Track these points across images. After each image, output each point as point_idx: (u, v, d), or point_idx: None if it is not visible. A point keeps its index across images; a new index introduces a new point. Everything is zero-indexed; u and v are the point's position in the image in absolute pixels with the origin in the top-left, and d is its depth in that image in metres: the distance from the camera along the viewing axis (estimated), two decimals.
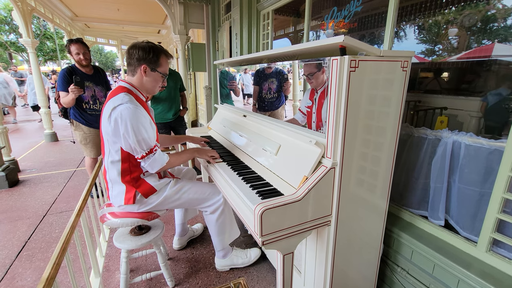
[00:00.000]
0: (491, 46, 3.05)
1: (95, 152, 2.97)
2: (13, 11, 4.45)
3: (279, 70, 1.47)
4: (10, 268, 1.98)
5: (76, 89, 2.52)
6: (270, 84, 1.55)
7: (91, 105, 2.82)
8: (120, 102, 1.39)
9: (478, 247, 1.24)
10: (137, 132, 1.40)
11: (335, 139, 1.11)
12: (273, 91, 1.53)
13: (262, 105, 1.73)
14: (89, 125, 2.84)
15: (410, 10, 2.90)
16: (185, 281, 1.87)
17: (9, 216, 2.70)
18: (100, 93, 2.88)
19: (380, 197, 1.34)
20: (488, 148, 1.20)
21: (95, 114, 2.85)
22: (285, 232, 1.10)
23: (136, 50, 1.45)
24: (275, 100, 1.53)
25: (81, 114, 2.81)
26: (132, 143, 1.42)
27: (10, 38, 15.86)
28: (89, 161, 3.01)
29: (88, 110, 2.82)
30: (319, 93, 1.23)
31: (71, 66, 2.74)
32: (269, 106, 1.60)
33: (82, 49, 2.70)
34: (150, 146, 1.47)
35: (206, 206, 1.74)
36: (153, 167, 1.52)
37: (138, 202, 1.56)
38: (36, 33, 13.96)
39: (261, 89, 1.64)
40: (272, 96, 1.56)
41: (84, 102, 2.78)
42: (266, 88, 1.59)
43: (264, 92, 1.61)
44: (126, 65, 1.56)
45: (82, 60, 2.70)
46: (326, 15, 2.15)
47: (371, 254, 1.45)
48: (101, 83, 2.90)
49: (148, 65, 1.47)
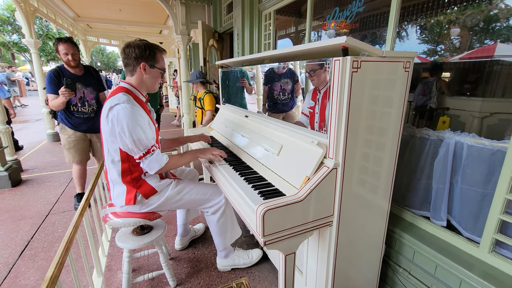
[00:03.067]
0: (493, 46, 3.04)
1: (78, 158, 2.75)
2: (16, 11, 4.48)
3: (293, 71, 1.45)
4: (13, 267, 1.99)
5: (67, 92, 2.36)
6: (284, 84, 1.52)
7: (79, 108, 2.64)
8: (117, 102, 1.38)
9: (481, 248, 1.23)
10: (133, 132, 1.39)
11: (337, 140, 1.11)
12: (287, 92, 1.51)
13: (274, 106, 1.67)
14: (74, 128, 2.67)
15: (412, 10, 2.90)
16: (187, 281, 1.87)
17: (12, 215, 2.72)
18: (90, 95, 2.68)
19: (382, 198, 1.34)
20: (491, 149, 1.20)
21: (82, 117, 2.68)
22: (287, 232, 1.10)
23: (132, 49, 1.44)
24: (289, 101, 1.51)
25: (68, 117, 2.64)
26: (129, 143, 1.41)
27: (13, 39, 15.94)
28: (76, 170, 2.82)
29: (76, 113, 2.64)
30: (321, 93, 1.23)
31: (59, 67, 2.57)
32: (282, 107, 1.57)
33: (71, 49, 2.53)
34: (147, 147, 1.45)
35: (207, 207, 1.74)
36: (151, 168, 1.50)
37: (138, 203, 1.56)
38: (38, 33, 14.01)
39: (272, 89, 1.61)
40: (286, 97, 1.53)
41: (72, 104, 2.60)
42: (279, 89, 1.56)
43: (276, 93, 1.58)
44: (123, 66, 1.54)
45: (71, 61, 2.54)
46: (328, 15, 2.15)
47: (373, 255, 1.45)
48: (92, 84, 2.70)
49: (146, 63, 1.47)
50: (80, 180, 2.87)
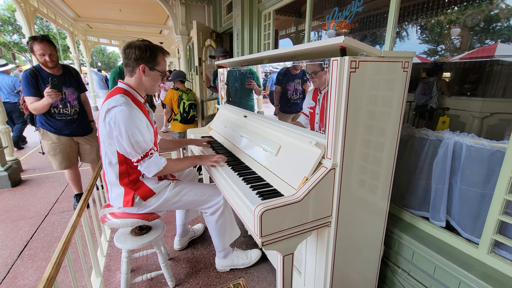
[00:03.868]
0: (494, 46, 3.03)
1: (66, 164, 2.63)
2: (16, 11, 4.48)
3: (305, 71, 1.44)
4: (12, 267, 1.99)
5: (54, 92, 2.18)
6: (297, 85, 1.50)
7: (60, 109, 2.46)
8: (115, 104, 1.36)
9: (480, 249, 1.23)
10: (130, 135, 1.37)
11: (335, 140, 1.11)
12: (299, 92, 1.49)
13: (286, 107, 1.64)
14: (57, 132, 2.50)
15: (411, 10, 2.89)
16: (186, 281, 1.87)
17: (12, 215, 2.72)
18: (71, 96, 2.51)
19: (380, 198, 1.34)
20: (490, 149, 1.19)
21: (65, 119, 2.50)
22: (285, 233, 1.10)
23: (132, 49, 1.41)
24: (301, 101, 1.49)
25: (48, 120, 2.46)
26: (127, 147, 1.40)
27: (13, 39, 15.97)
28: (67, 174, 2.73)
29: (57, 115, 2.47)
30: (322, 94, 1.22)
31: (35, 67, 2.38)
32: (294, 107, 1.56)
33: (48, 50, 2.30)
34: (146, 150, 1.43)
35: (206, 207, 1.74)
36: (149, 171, 1.48)
37: (136, 205, 1.55)
38: (39, 33, 14.02)
39: (286, 90, 1.59)
40: (298, 97, 1.51)
41: (53, 106, 2.41)
42: (292, 89, 1.54)
43: (290, 93, 1.57)
44: (124, 66, 1.50)
45: (48, 62, 2.33)
46: (327, 15, 2.14)
47: (372, 255, 1.44)
48: (72, 84, 2.53)
49: (146, 65, 1.44)
50: (75, 182, 2.82)
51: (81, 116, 2.65)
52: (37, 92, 2.31)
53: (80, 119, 2.63)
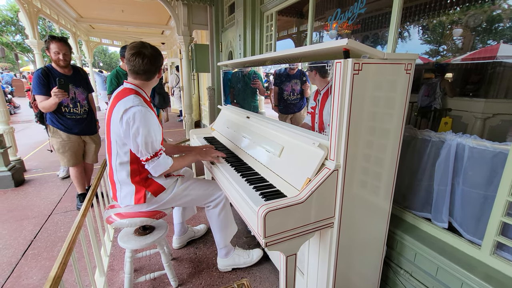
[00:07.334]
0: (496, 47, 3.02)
1: (74, 161, 2.71)
2: (19, 12, 4.51)
3: (303, 71, 1.44)
4: (16, 267, 2.01)
5: (60, 92, 2.28)
6: (294, 85, 1.52)
7: (71, 109, 2.57)
8: (132, 104, 1.41)
9: (482, 250, 1.23)
10: (147, 135, 1.42)
11: (338, 141, 1.11)
12: (296, 92, 1.50)
13: (284, 108, 1.66)
14: (68, 130, 2.59)
15: (414, 10, 2.89)
16: (188, 281, 1.88)
17: (15, 215, 2.74)
18: (81, 95, 2.63)
19: (383, 199, 1.34)
20: (493, 151, 1.19)
21: (75, 118, 2.61)
22: (288, 233, 1.11)
23: (158, 58, 1.49)
24: (298, 101, 1.51)
25: (59, 119, 2.54)
26: (140, 146, 1.44)
27: (16, 39, 16.06)
28: (74, 172, 2.77)
29: (68, 114, 2.56)
30: (321, 94, 1.23)
31: (46, 67, 2.48)
32: (292, 108, 1.57)
33: (64, 49, 2.44)
34: (156, 150, 1.49)
35: (210, 201, 1.80)
36: (156, 171, 1.53)
37: (148, 201, 1.59)
38: (42, 34, 14.11)
39: (283, 90, 1.61)
40: (295, 97, 1.53)
41: (63, 105, 2.52)
42: (289, 89, 1.56)
43: (287, 94, 1.58)
44: (139, 71, 1.47)
45: (61, 60, 2.45)
46: (329, 16, 2.15)
47: (374, 256, 1.45)
48: (82, 84, 2.64)
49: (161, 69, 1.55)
50: (79, 180, 2.85)
51: (89, 116, 2.77)
52: (47, 91, 2.39)
53: (89, 118, 2.76)
